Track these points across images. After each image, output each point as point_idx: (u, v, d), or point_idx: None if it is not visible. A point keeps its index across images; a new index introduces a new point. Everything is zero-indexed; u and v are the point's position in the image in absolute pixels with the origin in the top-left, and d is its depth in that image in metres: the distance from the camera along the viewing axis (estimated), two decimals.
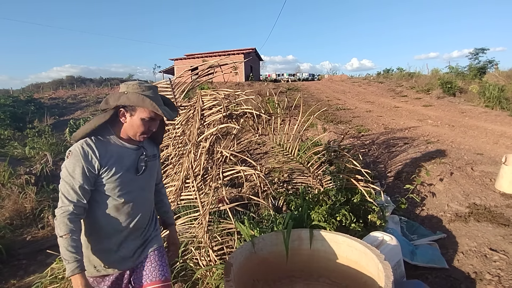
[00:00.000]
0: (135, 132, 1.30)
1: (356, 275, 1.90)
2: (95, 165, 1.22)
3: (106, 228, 1.32)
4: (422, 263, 2.58)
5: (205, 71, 2.85)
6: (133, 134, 1.30)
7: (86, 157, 1.21)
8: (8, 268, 3.10)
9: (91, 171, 1.22)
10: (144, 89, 1.26)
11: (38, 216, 4.11)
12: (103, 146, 1.26)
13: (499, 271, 2.43)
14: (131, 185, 1.33)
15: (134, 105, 1.24)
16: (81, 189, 1.21)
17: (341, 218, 2.55)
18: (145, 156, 1.38)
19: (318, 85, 21.01)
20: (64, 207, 1.19)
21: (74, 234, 1.18)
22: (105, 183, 1.27)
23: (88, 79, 55.52)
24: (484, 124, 7.70)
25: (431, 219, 3.44)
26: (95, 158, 1.22)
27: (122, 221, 1.33)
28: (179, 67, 28.03)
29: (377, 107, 11.46)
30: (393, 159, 5.25)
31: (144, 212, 1.42)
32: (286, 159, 3.24)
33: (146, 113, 1.26)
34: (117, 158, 1.29)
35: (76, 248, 1.18)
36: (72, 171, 1.20)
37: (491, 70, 16.06)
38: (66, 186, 1.20)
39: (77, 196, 1.20)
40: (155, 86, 1.32)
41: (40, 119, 13.79)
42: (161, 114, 1.26)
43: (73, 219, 1.19)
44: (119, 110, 1.27)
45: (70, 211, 1.18)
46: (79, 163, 1.20)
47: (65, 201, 1.19)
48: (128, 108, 1.25)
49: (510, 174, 3.62)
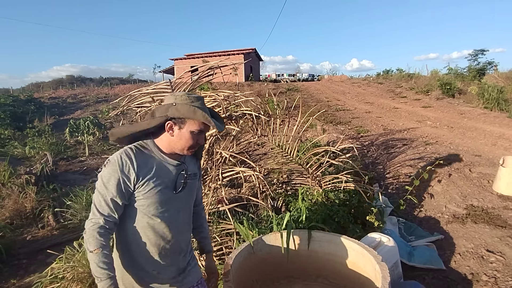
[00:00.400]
0: (183, 147, 1.21)
1: (354, 276, 1.91)
2: (131, 177, 1.13)
3: (137, 249, 1.21)
4: (419, 264, 2.60)
5: (205, 72, 2.87)
6: (180, 148, 1.21)
7: (123, 168, 1.12)
8: (8, 267, 3.11)
9: (127, 184, 1.13)
10: (193, 100, 1.19)
11: (38, 216, 4.13)
12: (143, 157, 1.18)
13: (495, 272, 2.45)
14: (168, 203, 1.22)
15: (184, 117, 1.16)
16: (113, 202, 1.12)
17: (340, 219, 2.57)
18: (185, 173, 1.28)
19: (318, 85, 21.03)
20: (94, 219, 1.10)
21: (105, 249, 1.09)
22: (140, 199, 1.17)
23: (88, 79, 55.45)
24: (483, 126, 7.72)
25: (429, 220, 3.46)
26: (132, 170, 1.13)
27: (156, 244, 1.22)
28: (179, 67, 28.04)
29: (376, 108, 11.48)
30: (391, 160, 5.27)
31: (181, 236, 1.30)
32: (285, 160, 3.26)
33: (196, 126, 1.19)
34: (156, 172, 1.19)
35: (108, 265, 1.09)
36: (107, 181, 1.11)
37: (491, 71, 16.10)
38: (99, 196, 1.12)
39: (109, 209, 1.11)
40: (202, 97, 1.25)
41: (40, 119, 13.81)
42: (213, 126, 1.18)
43: (104, 233, 1.10)
44: (167, 123, 1.18)
45: (100, 225, 1.09)
46: (115, 173, 1.11)
47: (96, 213, 1.11)
48: (177, 120, 1.17)
49: (507, 176, 3.64)
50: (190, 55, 29.18)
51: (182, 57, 29.06)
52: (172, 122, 1.18)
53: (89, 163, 7.65)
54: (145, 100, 2.84)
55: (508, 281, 2.33)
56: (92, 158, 8.13)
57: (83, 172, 6.79)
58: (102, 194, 1.11)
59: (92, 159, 8.02)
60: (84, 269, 2.39)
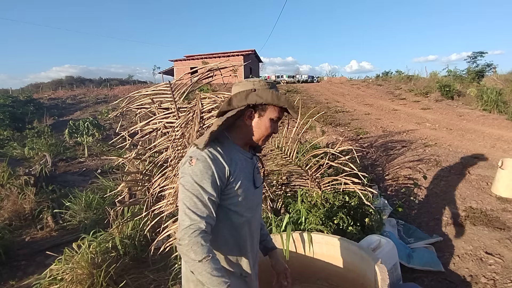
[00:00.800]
0: (261, 136, 1.13)
1: (353, 278, 1.92)
2: (225, 171, 1.03)
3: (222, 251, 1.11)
4: (418, 266, 2.60)
5: (205, 74, 2.88)
6: (258, 138, 1.13)
7: (216, 162, 1.02)
8: (7, 269, 3.11)
9: (221, 179, 1.02)
10: (271, 85, 1.10)
11: (37, 217, 4.12)
12: (227, 151, 1.07)
13: (494, 274, 2.45)
14: (252, 199, 1.14)
15: (267, 103, 1.07)
16: (210, 201, 0.99)
17: (339, 221, 2.57)
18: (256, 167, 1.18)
19: (317, 87, 21.07)
20: (194, 225, 0.94)
21: (214, 255, 0.96)
22: (229, 196, 1.07)
23: (88, 80, 55.59)
24: (482, 128, 7.74)
25: (428, 222, 3.47)
26: (224, 163, 1.03)
27: (242, 244, 1.13)
28: (178, 68, 28.09)
29: (375, 109, 11.50)
30: (391, 162, 5.28)
31: (256, 234, 1.21)
32: (285, 162, 3.26)
33: (276, 113, 1.11)
34: (239, 166, 1.09)
35: (221, 271, 0.96)
36: (200, 179, 0.98)
37: (489, 73, 16.17)
38: (193, 198, 0.97)
39: (207, 210, 0.98)
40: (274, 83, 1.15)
41: (39, 120, 13.82)
42: (294, 112, 1.10)
43: (207, 238, 0.96)
44: (247, 110, 1.09)
45: (202, 229, 0.95)
46: (209, 170, 1.00)
47: (193, 217, 0.95)
48: (258, 107, 1.09)
49: (506, 178, 3.65)
50: (189, 57, 29.24)
51: (182, 59, 29.13)
52: (253, 110, 1.09)
53: (89, 164, 7.64)
54: (144, 102, 2.85)
55: (507, 283, 2.33)
56: (91, 159, 8.12)
57: (82, 173, 6.78)
58: (197, 194, 0.98)
59: (92, 160, 8.01)
60: (83, 271, 2.38)
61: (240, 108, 1.07)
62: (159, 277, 2.59)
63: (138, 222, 3.03)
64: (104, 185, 4.58)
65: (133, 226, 3.09)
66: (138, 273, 2.67)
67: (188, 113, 2.69)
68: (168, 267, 2.61)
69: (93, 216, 3.80)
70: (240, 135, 1.14)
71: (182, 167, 1.04)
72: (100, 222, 3.63)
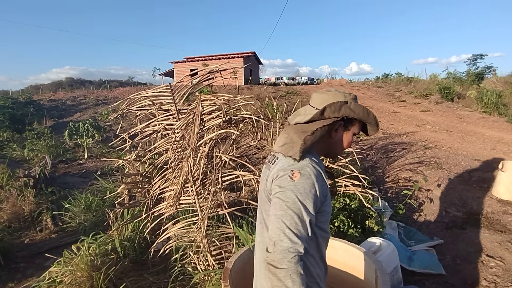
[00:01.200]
0: (341, 150, 1.10)
1: (353, 281, 1.91)
2: (325, 188, 0.97)
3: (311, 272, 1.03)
4: (419, 268, 2.59)
5: (205, 76, 2.88)
6: (339, 151, 1.11)
7: (319, 179, 0.94)
8: (6, 271, 3.09)
9: (321, 198, 0.95)
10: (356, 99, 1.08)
11: (36, 219, 4.11)
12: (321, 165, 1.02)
13: (495, 277, 2.45)
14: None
15: (358, 118, 1.04)
16: (311, 223, 0.90)
17: (339, 224, 2.57)
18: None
19: (318, 89, 21.08)
20: (293, 248, 0.84)
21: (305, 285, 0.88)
22: (323, 213, 1.00)
23: (88, 81, 55.62)
24: (482, 130, 7.75)
25: (429, 225, 3.46)
26: (325, 180, 0.98)
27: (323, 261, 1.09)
28: (179, 70, 28.14)
29: (375, 111, 11.50)
30: (391, 164, 5.28)
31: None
32: None
33: (358, 128, 1.09)
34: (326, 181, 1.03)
35: None
36: (304, 198, 0.89)
37: (489, 75, 16.19)
38: (294, 217, 0.87)
39: (306, 232, 0.88)
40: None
41: (39, 121, 13.82)
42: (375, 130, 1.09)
43: (302, 265, 0.87)
44: (337, 123, 1.04)
45: (300, 254, 0.85)
46: (313, 188, 0.91)
47: (294, 239, 0.85)
48: (347, 121, 1.06)
49: (507, 181, 3.65)
50: (190, 58, 29.30)
51: (182, 60, 29.17)
52: (344, 123, 1.06)
53: (88, 166, 7.63)
54: (145, 104, 2.85)
55: (508, 286, 2.32)
56: (91, 161, 8.10)
57: (82, 175, 6.77)
58: (298, 214, 0.87)
59: (91, 162, 8.00)
60: (82, 273, 2.37)
61: (332, 119, 1.03)
62: (158, 280, 2.57)
63: (137, 224, 3.02)
64: (104, 187, 4.57)
65: (132, 228, 3.08)
66: (138, 276, 2.65)
67: (189, 115, 2.69)
68: (168, 269, 2.60)
69: (92, 218, 3.79)
70: (323, 147, 1.09)
71: (280, 180, 0.94)
72: (100, 224, 3.62)
